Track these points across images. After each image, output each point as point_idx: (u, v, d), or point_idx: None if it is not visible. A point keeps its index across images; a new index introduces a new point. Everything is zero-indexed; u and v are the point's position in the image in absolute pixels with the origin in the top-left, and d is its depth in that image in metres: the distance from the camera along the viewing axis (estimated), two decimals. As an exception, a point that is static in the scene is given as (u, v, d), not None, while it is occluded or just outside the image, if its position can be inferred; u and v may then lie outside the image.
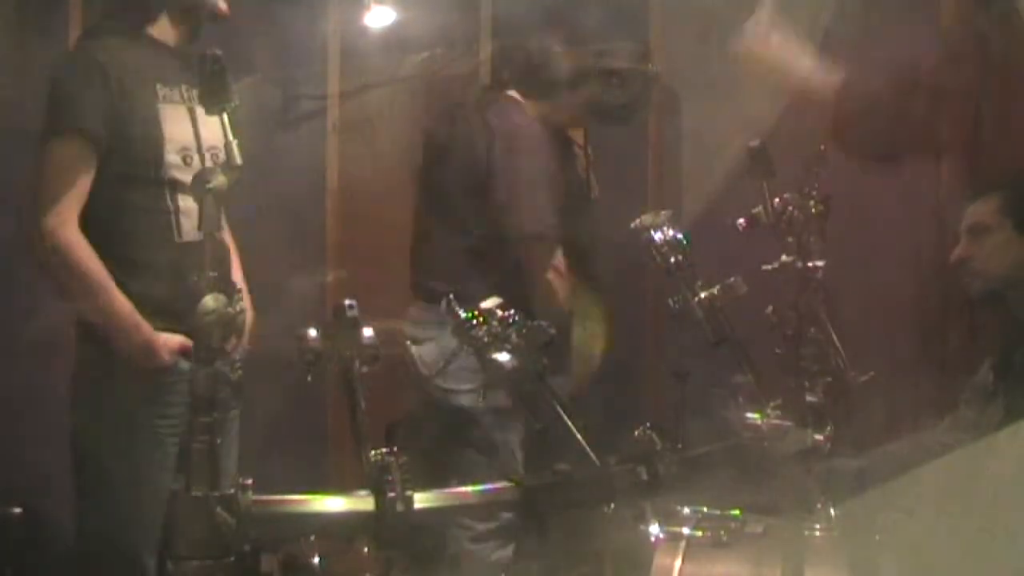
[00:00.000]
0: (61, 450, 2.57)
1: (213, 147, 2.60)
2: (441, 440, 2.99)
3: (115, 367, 2.52)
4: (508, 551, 3.01)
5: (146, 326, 2.51)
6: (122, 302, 2.49)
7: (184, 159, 2.56)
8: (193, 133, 2.59)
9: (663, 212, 2.21)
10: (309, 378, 1.75)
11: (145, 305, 2.52)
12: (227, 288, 1.64)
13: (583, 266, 3.22)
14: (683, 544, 1.97)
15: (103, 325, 2.51)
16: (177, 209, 2.55)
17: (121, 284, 2.50)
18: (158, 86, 2.56)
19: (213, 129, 2.59)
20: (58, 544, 3.35)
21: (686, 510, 2.07)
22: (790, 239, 2.18)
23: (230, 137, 1.68)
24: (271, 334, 2.63)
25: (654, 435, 1.85)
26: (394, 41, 4.02)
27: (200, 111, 2.58)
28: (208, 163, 2.58)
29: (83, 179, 2.48)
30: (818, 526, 2.00)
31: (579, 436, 1.93)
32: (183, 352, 2.52)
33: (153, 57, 2.59)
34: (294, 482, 1.63)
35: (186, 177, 2.52)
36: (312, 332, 1.73)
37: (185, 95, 2.61)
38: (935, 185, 3.33)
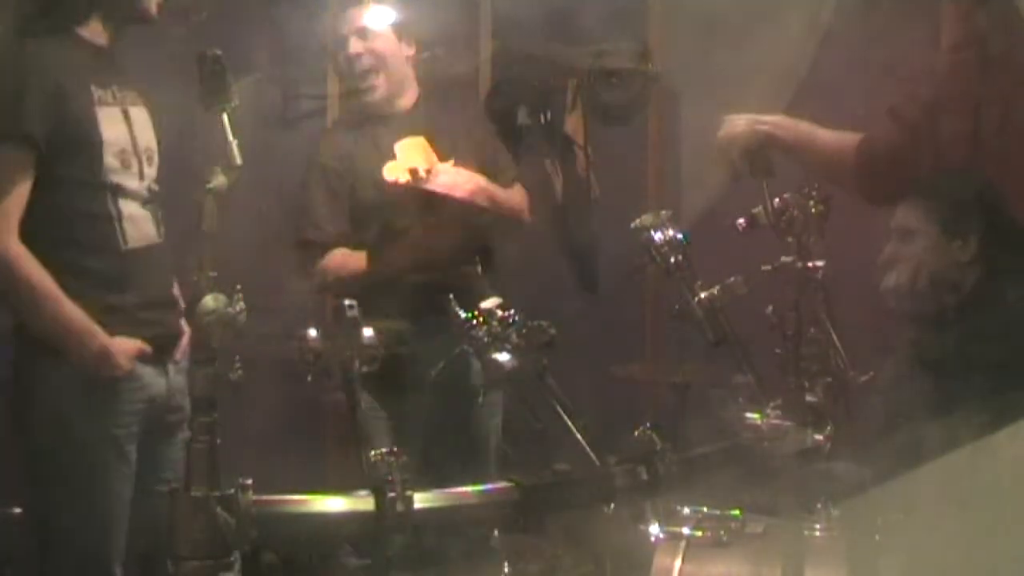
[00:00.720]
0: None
1: (148, 149, 2.55)
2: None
3: (61, 377, 2.44)
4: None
5: (101, 333, 2.45)
6: (73, 310, 2.42)
7: (122, 162, 2.50)
8: (128, 135, 2.53)
9: (663, 212, 2.21)
10: (309, 378, 1.75)
11: (91, 314, 2.45)
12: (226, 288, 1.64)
13: (583, 266, 3.22)
14: (683, 544, 1.96)
15: (55, 335, 2.44)
16: (120, 215, 2.49)
17: (67, 292, 2.43)
18: (93, 88, 2.49)
19: (146, 131, 2.56)
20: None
21: (686, 510, 2.06)
22: (790, 239, 2.17)
23: (230, 137, 1.68)
24: (271, 334, 2.63)
25: (654, 435, 1.84)
26: (394, 41, 4.00)
27: (134, 112, 2.54)
28: (144, 165, 2.53)
29: (21, 187, 2.40)
30: (818, 526, 1.99)
31: (579, 436, 1.93)
32: (139, 356, 2.50)
33: (86, 58, 2.52)
34: (294, 482, 1.63)
35: (126, 181, 2.49)
36: (312, 332, 1.73)
37: (118, 96, 2.54)
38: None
